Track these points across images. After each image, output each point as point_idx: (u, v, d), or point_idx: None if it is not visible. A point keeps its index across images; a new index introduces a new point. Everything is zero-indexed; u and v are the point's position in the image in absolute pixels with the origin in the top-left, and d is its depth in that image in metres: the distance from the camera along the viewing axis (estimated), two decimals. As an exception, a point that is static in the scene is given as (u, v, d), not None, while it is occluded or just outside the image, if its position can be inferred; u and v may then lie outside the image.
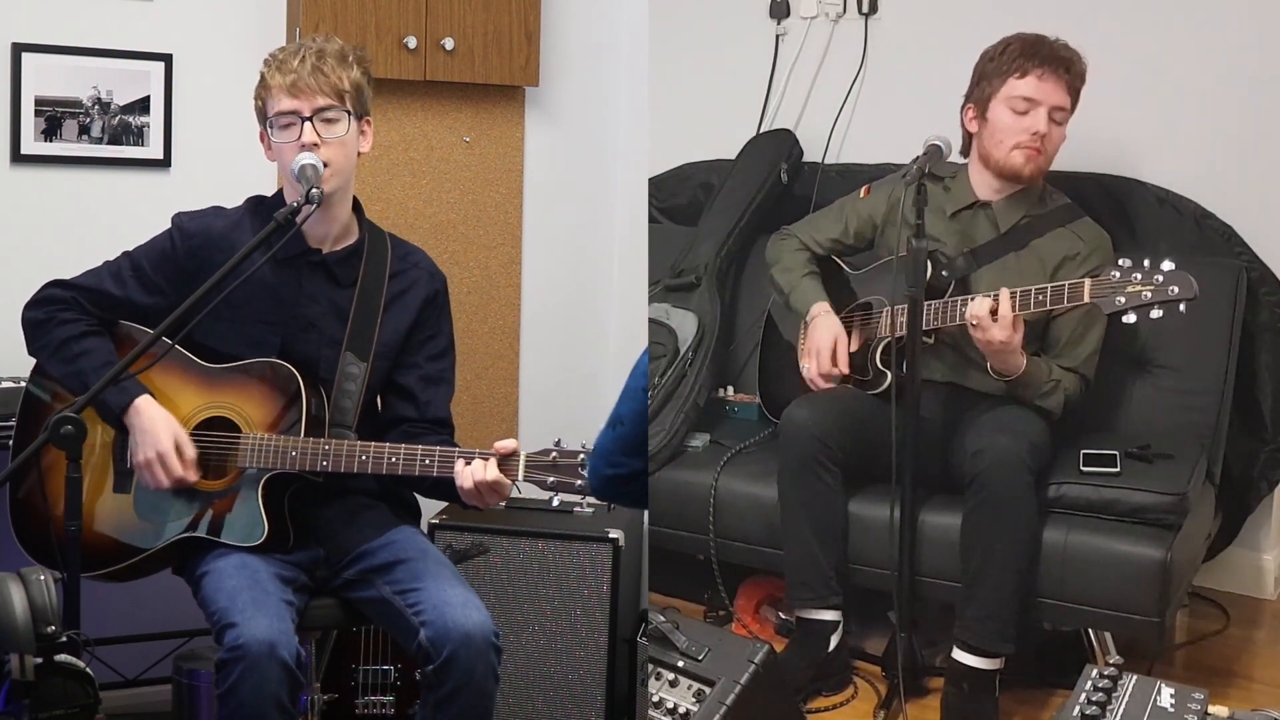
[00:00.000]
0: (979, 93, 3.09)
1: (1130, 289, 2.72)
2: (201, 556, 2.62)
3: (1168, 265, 2.71)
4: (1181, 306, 2.70)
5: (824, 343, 3.19)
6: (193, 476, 2.64)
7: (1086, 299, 2.77)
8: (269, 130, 2.67)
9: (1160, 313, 2.72)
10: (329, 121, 2.64)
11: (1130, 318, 2.75)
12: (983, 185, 3.14)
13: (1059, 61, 3.02)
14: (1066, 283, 2.82)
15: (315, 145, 2.61)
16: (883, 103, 3.90)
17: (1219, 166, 3.48)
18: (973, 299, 2.88)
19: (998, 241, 3.10)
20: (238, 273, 2.50)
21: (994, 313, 2.83)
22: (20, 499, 2.72)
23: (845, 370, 3.17)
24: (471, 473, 2.54)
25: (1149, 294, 2.71)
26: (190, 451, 2.63)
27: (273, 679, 2.41)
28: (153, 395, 2.65)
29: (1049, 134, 3.03)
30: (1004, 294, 2.83)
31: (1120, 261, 2.77)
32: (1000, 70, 3.06)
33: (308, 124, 2.62)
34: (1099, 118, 3.61)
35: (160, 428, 2.62)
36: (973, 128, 3.13)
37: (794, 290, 3.33)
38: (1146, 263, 2.73)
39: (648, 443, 1.97)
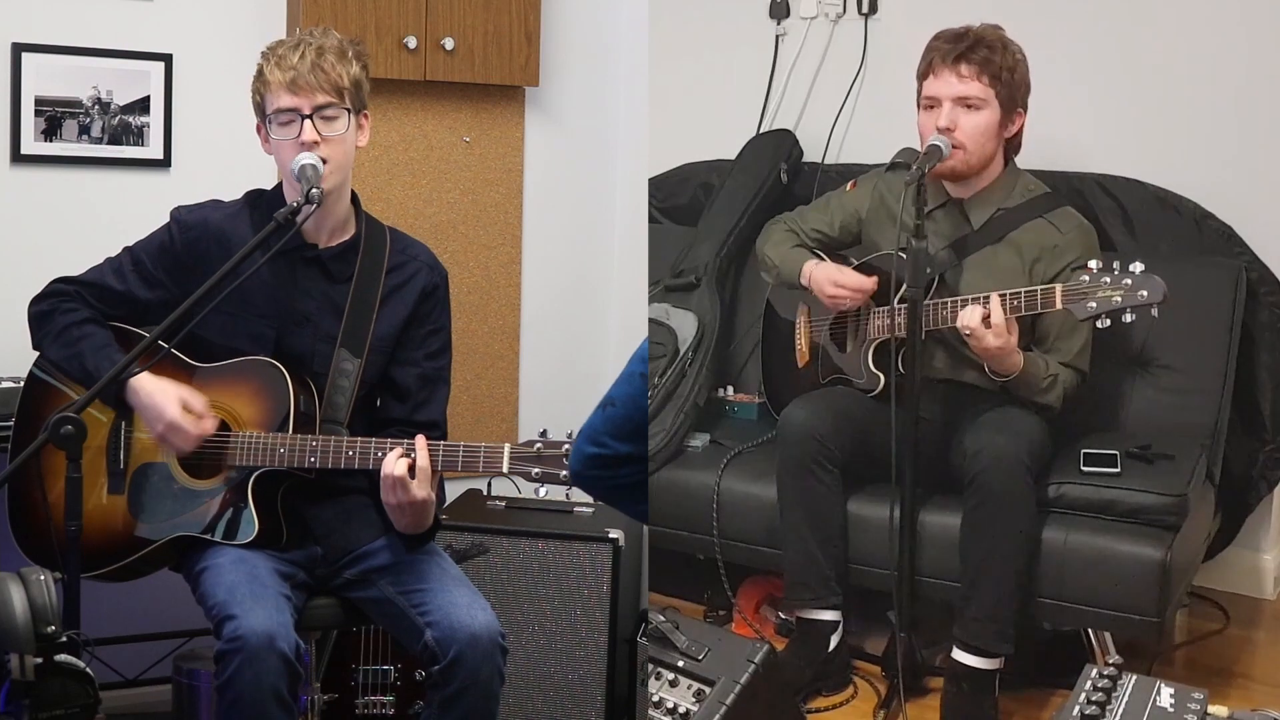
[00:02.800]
0: (918, 105, 3.10)
1: (1100, 294, 2.71)
2: (200, 554, 2.63)
3: (1136, 267, 2.69)
4: (1154, 311, 2.70)
5: (839, 275, 3.17)
6: (210, 426, 2.62)
7: (1058, 305, 2.76)
8: (266, 126, 2.66)
9: (1132, 316, 2.72)
10: (328, 119, 2.62)
11: (1104, 322, 2.74)
12: (950, 185, 3.14)
13: (950, 51, 2.99)
14: (1039, 288, 2.80)
15: (315, 144, 2.60)
16: (883, 103, 3.90)
17: (1219, 166, 3.48)
18: (963, 308, 2.86)
19: (972, 237, 3.10)
20: (237, 273, 2.50)
21: (985, 319, 2.82)
22: (19, 500, 2.72)
23: (870, 286, 3.14)
24: (390, 462, 2.53)
25: (1119, 298, 2.70)
26: (198, 404, 2.62)
27: (272, 671, 2.41)
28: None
29: (959, 124, 2.98)
30: (994, 300, 2.82)
31: (1089, 264, 2.75)
32: (918, 77, 3.07)
33: (307, 122, 2.60)
34: (1100, 118, 3.62)
35: (161, 398, 2.60)
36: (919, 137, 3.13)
37: (785, 261, 3.32)
38: (1116, 265, 2.71)
39: (638, 433, 1.95)
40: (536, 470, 2.54)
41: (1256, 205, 3.40)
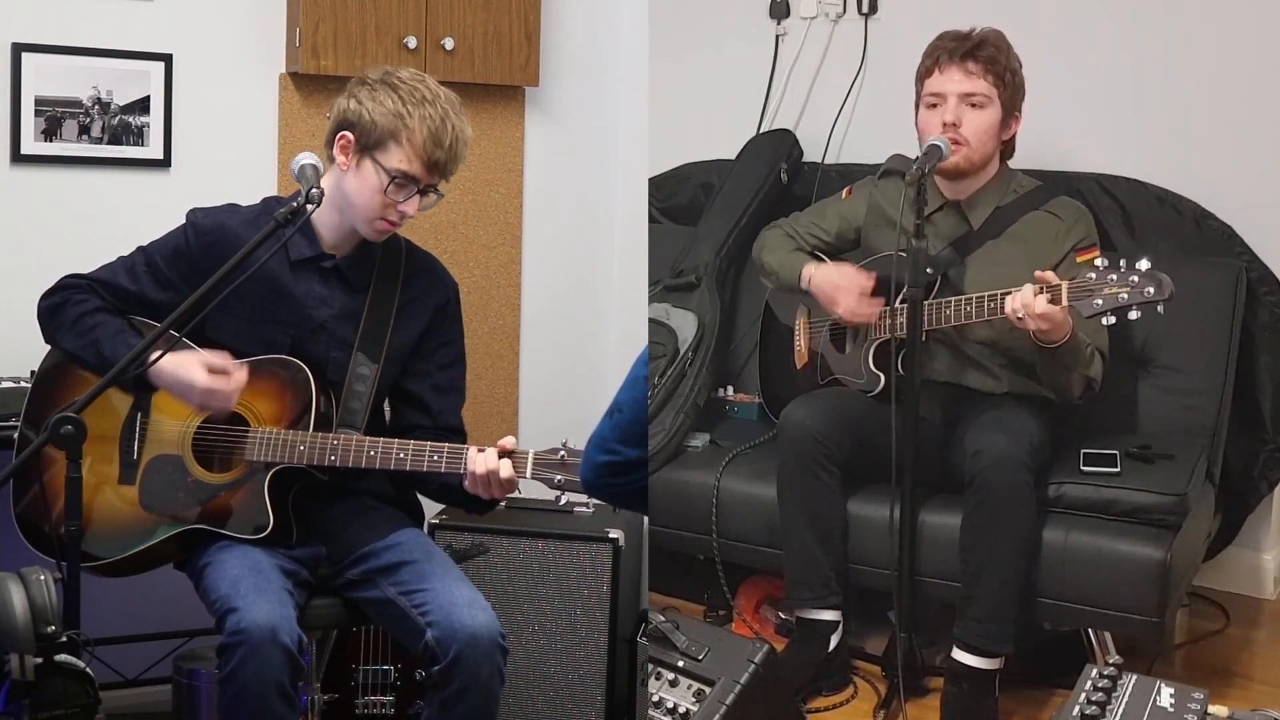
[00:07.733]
0: (916, 106, 3.10)
1: (1107, 291, 2.70)
2: (204, 549, 2.63)
3: (1143, 265, 2.68)
4: (1160, 308, 2.68)
5: (840, 279, 3.15)
6: (242, 376, 2.62)
7: (1064, 303, 2.74)
8: (367, 157, 2.64)
9: (1138, 314, 2.70)
10: (428, 196, 2.68)
11: (1109, 319, 2.73)
12: (947, 186, 3.14)
13: (957, 49, 3.00)
14: (1045, 285, 2.79)
15: (405, 215, 2.65)
16: (883, 103, 3.90)
17: (1219, 166, 3.48)
18: (1010, 295, 2.80)
19: (973, 236, 3.10)
20: (244, 268, 2.50)
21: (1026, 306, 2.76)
22: (24, 494, 2.72)
23: (868, 284, 3.09)
24: (484, 460, 2.55)
25: (1125, 295, 2.69)
26: (219, 360, 2.61)
27: (274, 664, 2.42)
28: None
29: (963, 120, 2.99)
30: (1027, 289, 2.76)
31: (1096, 263, 2.74)
32: (919, 78, 3.07)
33: (417, 195, 2.65)
34: (1101, 118, 3.62)
35: (184, 371, 2.59)
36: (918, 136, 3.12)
37: (783, 265, 3.32)
38: (1123, 263, 2.70)
39: (647, 437, 1.96)
40: (560, 478, 2.55)
41: (1256, 205, 3.40)
